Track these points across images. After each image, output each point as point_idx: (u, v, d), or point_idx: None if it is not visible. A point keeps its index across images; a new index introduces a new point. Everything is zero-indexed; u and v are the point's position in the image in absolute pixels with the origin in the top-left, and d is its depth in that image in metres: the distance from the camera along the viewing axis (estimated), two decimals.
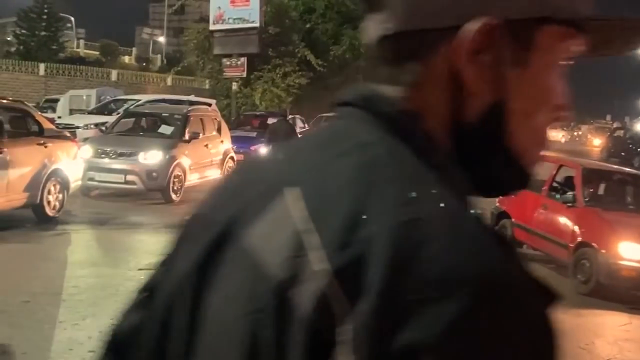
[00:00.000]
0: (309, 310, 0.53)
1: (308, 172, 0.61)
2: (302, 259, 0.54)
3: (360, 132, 0.63)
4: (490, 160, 0.66)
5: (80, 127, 18.79)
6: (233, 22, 26.92)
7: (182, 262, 0.67)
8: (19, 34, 41.99)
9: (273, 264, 0.56)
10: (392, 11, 0.65)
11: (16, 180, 9.29)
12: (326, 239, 0.54)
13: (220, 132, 15.05)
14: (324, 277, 0.53)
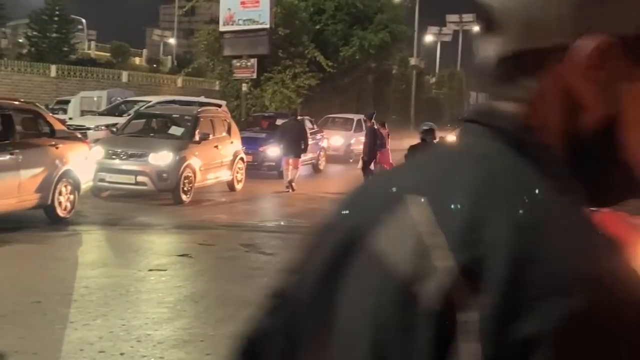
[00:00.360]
0: (434, 302, 0.58)
1: (432, 182, 0.67)
2: (428, 258, 0.60)
3: (480, 146, 0.69)
4: (603, 171, 0.70)
5: (91, 128, 18.87)
6: (243, 23, 26.95)
7: (311, 268, 0.72)
8: (31, 35, 42.21)
9: (400, 263, 0.62)
10: (509, 33, 0.68)
11: (28, 181, 9.36)
12: (450, 240, 0.60)
13: (230, 133, 15.07)
14: (449, 273, 0.59)
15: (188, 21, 68.01)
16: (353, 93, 36.58)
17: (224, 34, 27.71)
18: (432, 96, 59.42)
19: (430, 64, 63.44)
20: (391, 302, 0.61)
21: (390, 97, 47.99)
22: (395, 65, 46.46)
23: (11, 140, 9.28)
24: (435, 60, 66.43)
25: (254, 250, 8.88)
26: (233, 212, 12.50)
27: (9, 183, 9.04)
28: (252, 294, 6.67)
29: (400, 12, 35.70)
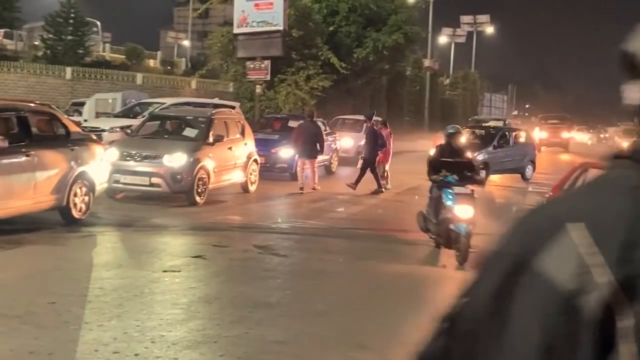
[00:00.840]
0: (596, 312, 0.70)
1: (589, 209, 0.77)
2: (589, 275, 0.71)
3: (632, 179, 0.78)
4: None
5: (106, 130, 18.95)
6: (257, 25, 26.99)
7: (480, 291, 0.80)
8: (46, 38, 42.48)
9: (565, 280, 0.72)
10: None
11: (43, 183, 9.41)
12: (608, 259, 0.71)
13: (244, 134, 15.09)
14: (608, 287, 0.70)
15: (202, 23, 68.21)
16: (366, 95, 36.55)
17: (238, 35, 27.77)
18: (446, 97, 59.21)
19: (444, 65, 63.24)
20: (558, 312, 0.72)
21: (404, 99, 47.88)
22: (409, 67, 46.33)
23: (27, 142, 9.33)
24: (449, 62, 66.21)
25: (268, 252, 8.88)
26: (247, 214, 12.52)
27: (24, 184, 9.10)
28: (265, 296, 6.68)
29: (414, 14, 35.55)
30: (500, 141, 19.43)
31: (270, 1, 26.70)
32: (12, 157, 8.99)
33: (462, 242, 8.06)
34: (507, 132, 20.74)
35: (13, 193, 8.93)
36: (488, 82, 74.89)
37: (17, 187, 8.99)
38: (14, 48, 45.11)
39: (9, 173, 8.90)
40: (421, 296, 7.01)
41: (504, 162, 18.77)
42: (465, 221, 8.11)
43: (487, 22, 65.48)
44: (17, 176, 9.04)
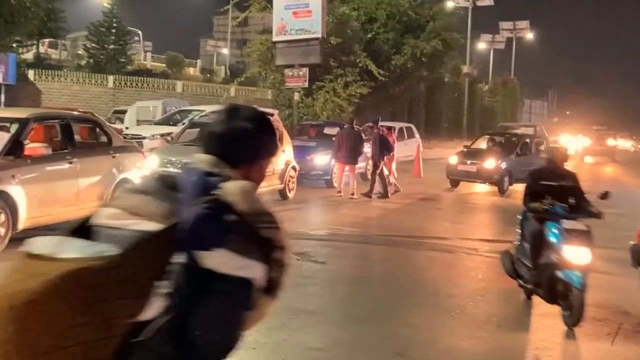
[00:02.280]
0: None
1: None
2: None
3: None
4: None
5: (146, 137, 19.24)
6: (295, 33, 27.16)
7: None
8: (89, 47, 43.33)
9: None
10: None
11: (86, 190, 9.55)
12: None
13: (282, 141, 15.16)
14: None
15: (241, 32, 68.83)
16: (404, 102, 36.49)
17: (277, 43, 27.97)
18: (485, 104, 58.70)
19: (483, 72, 62.72)
20: None
21: (443, 106, 47.62)
22: (447, 74, 46.10)
23: (70, 150, 9.48)
24: (488, 68, 65.61)
25: (306, 259, 8.89)
26: (285, 220, 12.38)
27: (67, 191, 9.24)
28: (304, 302, 6.68)
29: (453, 20, 35.41)
30: (523, 149, 19.05)
31: (309, 9, 26.85)
32: (55, 164, 9.13)
33: (576, 297, 5.92)
34: (529, 139, 20.28)
35: (56, 200, 9.06)
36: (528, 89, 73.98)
37: (60, 194, 9.12)
38: (58, 57, 46.21)
39: (52, 180, 9.05)
40: (460, 306, 6.95)
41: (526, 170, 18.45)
42: (580, 268, 5.96)
43: (527, 28, 64.81)
44: (60, 183, 9.17)
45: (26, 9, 16.29)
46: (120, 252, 1.51)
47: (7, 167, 8.33)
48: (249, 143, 1.90)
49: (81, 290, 1.44)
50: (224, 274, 1.58)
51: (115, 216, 1.65)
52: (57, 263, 1.49)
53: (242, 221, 1.63)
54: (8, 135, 8.86)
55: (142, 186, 1.75)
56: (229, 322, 1.64)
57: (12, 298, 1.42)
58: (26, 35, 28.08)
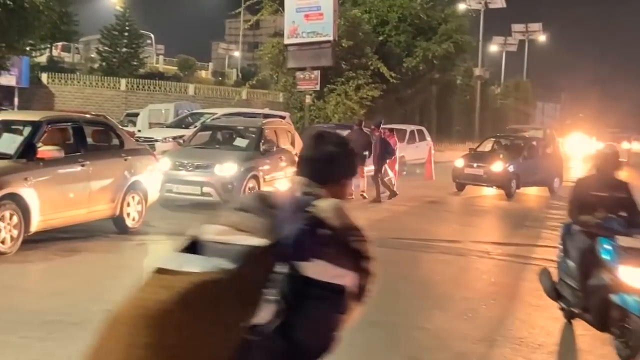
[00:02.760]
0: None
1: None
2: None
3: None
4: None
5: (159, 140, 19.30)
6: (307, 36, 27.19)
7: None
8: (102, 50, 43.58)
9: None
10: None
11: (98, 192, 9.58)
12: None
13: (294, 144, 15.16)
14: None
15: (253, 35, 69.06)
16: (416, 104, 36.43)
17: (288, 46, 28.01)
18: (497, 107, 58.49)
19: (495, 74, 62.53)
20: None
21: (454, 108, 47.50)
22: (459, 76, 46.00)
23: (82, 152, 9.50)
24: (500, 70, 65.40)
25: None
26: None
27: (79, 194, 9.27)
28: None
29: (465, 23, 35.33)
30: (530, 152, 18.70)
31: (321, 12, 26.88)
32: (67, 167, 9.15)
33: (634, 326, 5.07)
34: (536, 142, 19.95)
35: (68, 202, 9.09)
36: (540, 91, 73.67)
37: (72, 197, 9.15)
38: (71, 60, 46.50)
39: (64, 183, 9.07)
40: (473, 310, 6.91)
41: (533, 174, 18.10)
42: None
43: (539, 31, 64.54)
44: (73, 186, 9.20)
45: (40, 13, 16.39)
46: (235, 265, 1.72)
47: (20, 169, 8.38)
48: (336, 165, 2.18)
49: (206, 299, 1.66)
50: (321, 281, 1.81)
51: (222, 232, 1.86)
52: (183, 276, 1.70)
53: (335, 235, 1.86)
54: (21, 138, 8.90)
55: (244, 205, 1.95)
56: (327, 324, 1.87)
57: (148, 308, 1.65)
58: (40, 39, 28.24)
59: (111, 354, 1.65)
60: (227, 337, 1.68)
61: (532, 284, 8.06)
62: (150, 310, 1.64)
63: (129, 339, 1.63)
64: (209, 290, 1.67)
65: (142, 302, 1.68)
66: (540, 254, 9.92)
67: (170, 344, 1.61)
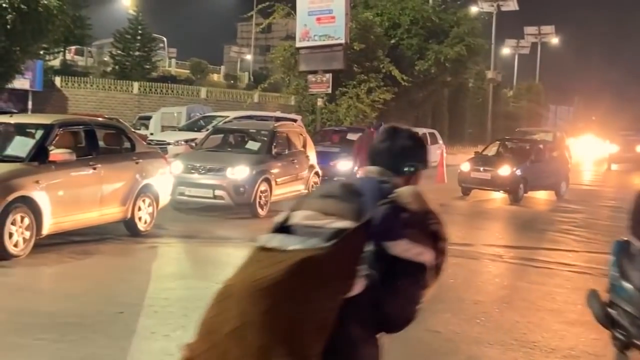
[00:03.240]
0: None
1: None
2: None
3: None
4: None
5: (171, 143, 19.39)
6: (319, 39, 27.21)
7: None
8: (115, 54, 43.80)
9: None
10: None
11: (109, 196, 9.59)
12: None
13: (306, 147, 15.18)
14: None
15: (265, 38, 69.18)
16: (428, 107, 36.35)
17: (300, 49, 28.04)
18: (510, 109, 58.28)
19: (507, 77, 62.30)
20: None
21: (467, 111, 47.37)
22: (471, 79, 45.87)
23: (94, 155, 9.52)
24: (513, 73, 65.16)
25: None
26: None
27: (91, 197, 9.28)
28: None
29: (477, 25, 35.21)
30: (537, 155, 18.33)
31: (333, 15, 26.89)
32: (79, 170, 9.16)
33: None
34: (543, 145, 19.55)
35: (80, 205, 9.10)
36: (553, 94, 73.36)
37: (83, 200, 9.17)
38: (85, 64, 46.74)
39: (76, 186, 9.09)
40: (486, 313, 6.89)
41: (540, 177, 17.80)
42: None
43: (552, 33, 64.29)
44: (84, 189, 9.21)
45: (53, 17, 16.48)
46: (331, 243, 1.95)
47: (32, 172, 8.41)
48: (409, 157, 2.38)
49: (310, 273, 1.90)
50: (405, 259, 2.04)
51: (311, 217, 2.09)
52: (289, 253, 1.94)
53: (416, 218, 2.07)
54: (33, 141, 8.93)
55: (329, 192, 2.20)
56: (411, 297, 2.11)
57: (261, 281, 1.87)
58: (53, 43, 28.45)
59: (228, 322, 1.88)
60: (328, 306, 1.93)
61: (545, 288, 8.03)
62: (263, 282, 1.86)
63: (246, 308, 1.86)
64: (312, 264, 1.90)
65: (255, 276, 1.90)
66: (553, 258, 9.88)
67: (283, 310, 1.85)
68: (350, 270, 1.98)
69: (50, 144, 8.86)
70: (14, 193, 8.03)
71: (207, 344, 1.91)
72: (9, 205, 7.94)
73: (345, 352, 2.02)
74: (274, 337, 1.83)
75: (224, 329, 1.88)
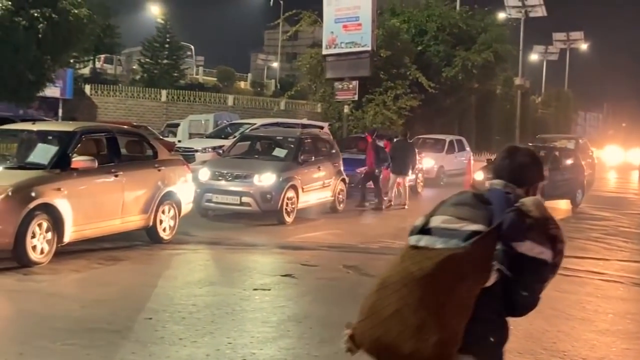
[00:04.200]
0: None
1: None
2: None
3: None
4: None
5: (198, 150, 19.51)
6: (345, 46, 27.21)
7: None
8: (144, 62, 44.29)
9: None
10: None
11: (131, 203, 9.56)
12: None
13: (332, 154, 15.17)
14: None
15: (291, 45, 69.33)
16: (455, 114, 36.10)
17: (327, 57, 28.05)
18: (538, 116, 57.71)
19: (536, 83, 61.71)
20: None
21: (494, 118, 46.98)
22: (499, 86, 45.49)
23: (116, 163, 9.49)
24: (541, 80, 64.52)
25: (357, 272, 8.86)
26: (335, 233, 12.55)
27: (113, 204, 9.25)
28: (354, 316, 6.65)
29: (505, 32, 34.95)
30: (553, 163, 17.58)
31: (359, 22, 26.88)
32: (101, 177, 9.14)
33: None
34: (559, 153, 18.82)
35: (102, 213, 9.07)
36: (582, 100, 72.53)
37: (105, 207, 9.14)
38: (114, 72, 47.30)
39: (98, 193, 9.08)
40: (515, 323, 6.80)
41: (556, 186, 16.96)
42: None
43: (581, 39, 63.56)
44: (106, 196, 9.19)
45: (84, 26, 16.72)
46: (470, 243, 2.38)
47: (54, 180, 8.38)
48: (529, 172, 2.80)
49: (455, 268, 2.32)
50: (530, 256, 2.47)
51: (448, 221, 2.51)
52: (437, 251, 2.37)
53: (538, 223, 2.48)
54: (55, 148, 8.91)
55: (461, 200, 2.61)
56: (533, 288, 2.57)
57: (416, 274, 2.31)
58: (83, 51, 28.82)
59: (389, 305, 2.31)
60: (469, 293, 2.37)
61: (575, 297, 7.92)
62: (418, 274, 2.30)
63: (404, 294, 2.29)
64: (456, 260, 2.32)
65: (410, 269, 2.34)
66: (583, 266, 9.75)
67: (434, 296, 2.27)
68: (485, 265, 2.44)
69: (73, 152, 8.83)
70: (35, 200, 7.99)
71: (371, 323, 2.36)
72: (30, 212, 7.91)
73: (482, 329, 2.49)
74: (427, 316, 2.26)
75: (385, 311, 2.32)
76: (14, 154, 9.69)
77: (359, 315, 2.42)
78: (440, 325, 2.29)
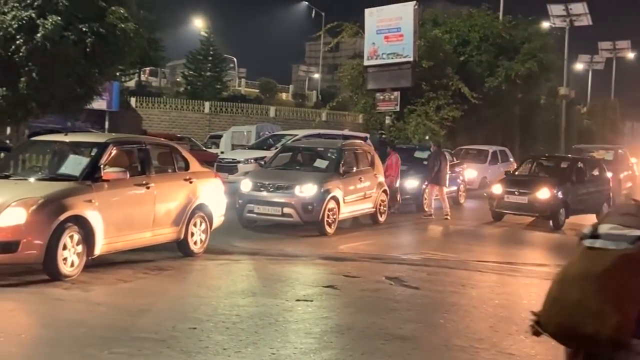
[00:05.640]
0: None
1: None
2: None
3: None
4: None
5: (241, 161, 19.70)
6: (387, 57, 27.19)
7: None
8: (187, 74, 44.96)
9: None
10: None
11: (162, 215, 9.44)
12: None
13: (374, 165, 15.16)
14: None
15: (332, 57, 69.63)
16: (498, 124, 35.68)
17: (368, 68, 28.08)
18: (584, 126, 56.74)
19: (581, 93, 60.72)
20: None
21: (538, 128, 46.32)
22: (543, 96, 44.88)
23: (147, 174, 9.38)
24: (586, 89, 63.45)
25: (399, 283, 8.83)
26: (377, 244, 12.52)
27: (144, 217, 9.15)
28: (397, 328, 6.62)
29: (549, 41, 34.52)
30: (578, 175, 16.68)
31: (401, 33, 26.85)
32: (132, 189, 9.02)
33: None
34: (583, 164, 17.64)
35: (133, 225, 8.98)
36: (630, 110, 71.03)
37: (137, 220, 9.04)
38: (158, 85, 48.13)
39: (129, 205, 8.99)
40: None
41: (582, 200, 16.15)
42: None
43: (628, 48, 62.34)
44: (137, 208, 9.10)
45: (130, 40, 17.05)
46: (635, 245, 2.60)
47: (85, 191, 8.29)
48: None
49: (626, 265, 2.58)
50: None
51: (615, 228, 2.72)
52: (611, 251, 2.62)
53: None
54: (87, 159, 8.90)
55: (627, 211, 2.81)
56: None
57: (595, 270, 2.59)
58: (129, 65, 29.40)
59: (571, 295, 2.59)
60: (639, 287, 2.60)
61: None
62: (595, 270, 2.59)
63: (585, 286, 2.57)
64: (627, 259, 2.59)
65: (588, 266, 2.62)
66: None
67: (611, 289, 2.55)
68: None
69: (104, 163, 8.70)
70: (66, 212, 7.89)
71: (555, 310, 2.65)
72: (61, 224, 7.81)
73: None
74: (605, 304, 2.55)
75: (568, 301, 2.61)
76: (45, 165, 9.71)
77: (543, 304, 2.72)
78: (617, 311, 2.56)
